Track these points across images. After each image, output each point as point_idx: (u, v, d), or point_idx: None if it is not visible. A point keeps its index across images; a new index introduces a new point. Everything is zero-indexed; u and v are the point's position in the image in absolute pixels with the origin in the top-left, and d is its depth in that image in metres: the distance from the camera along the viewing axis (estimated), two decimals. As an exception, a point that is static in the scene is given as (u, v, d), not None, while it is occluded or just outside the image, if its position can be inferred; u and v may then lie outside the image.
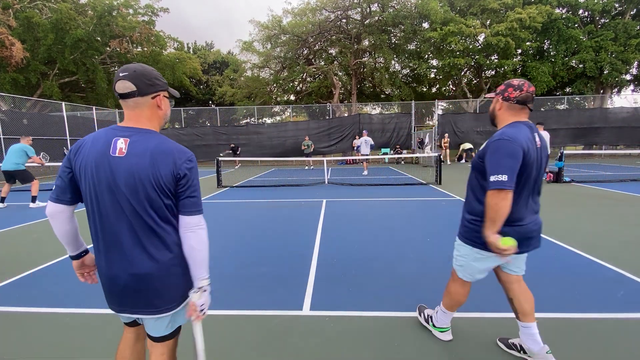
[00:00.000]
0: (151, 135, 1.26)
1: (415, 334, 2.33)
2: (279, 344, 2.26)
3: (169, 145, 1.26)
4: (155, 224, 1.23)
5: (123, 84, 1.22)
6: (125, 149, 1.20)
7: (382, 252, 4.00)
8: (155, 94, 1.28)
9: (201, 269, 1.29)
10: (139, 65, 1.26)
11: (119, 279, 1.24)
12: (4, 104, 15.96)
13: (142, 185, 1.19)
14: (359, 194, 8.22)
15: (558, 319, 2.48)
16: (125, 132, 1.24)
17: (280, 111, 28.29)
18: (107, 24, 19.08)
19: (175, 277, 1.29)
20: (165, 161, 1.21)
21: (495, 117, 1.94)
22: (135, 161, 1.19)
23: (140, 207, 1.21)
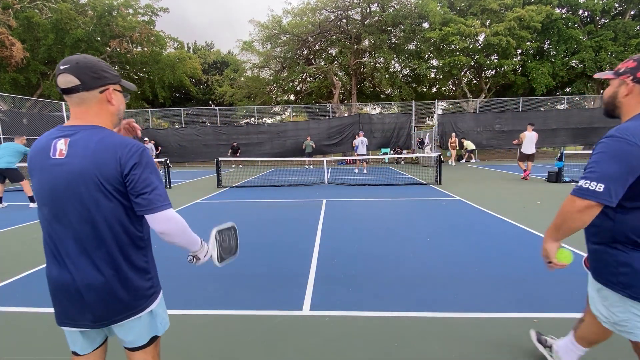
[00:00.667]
0: (95, 132, 1.12)
1: (415, 334, 2.33)
2: (279, 344, 2.26)
3: (113, 140, 1.12)
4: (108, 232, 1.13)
5: (65, 78, 1.10)
6: (65, 150, 1.09)
7: (382, 252, 4.00)
8: (103, 87, 1.15)
9: (191, 247, 1.28)
10: (82, 56, 1.14)
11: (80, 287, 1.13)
12: (4, 104, 15.95)
13: (85, 188, 1.08)
14: (359, 194, 8.22)
15: (558, 319, 2.48)
16: (67, 131, 1.12)
17: (280, 111, 28.29)
18: (107, 24, 19.08)
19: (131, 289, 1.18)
20: (108, 157, 1.08)
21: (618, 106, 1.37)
22: (76, 162, 1.08)
23: (86, 213, 1.10)
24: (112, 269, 1.15)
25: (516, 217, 5.53)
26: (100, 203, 1.11)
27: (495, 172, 12.73)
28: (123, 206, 1.14)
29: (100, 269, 1.14)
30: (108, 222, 1.13)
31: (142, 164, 1.12)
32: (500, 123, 18.68)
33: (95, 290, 1.14)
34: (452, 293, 2.92)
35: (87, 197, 1.10)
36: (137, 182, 1.11)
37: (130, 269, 1.18)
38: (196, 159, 20.14)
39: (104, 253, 1.14)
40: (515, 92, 21.94)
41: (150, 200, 1.11)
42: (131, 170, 1.10)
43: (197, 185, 10.96)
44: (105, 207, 1.11)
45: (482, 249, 4.03)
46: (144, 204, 1.11)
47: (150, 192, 1.12)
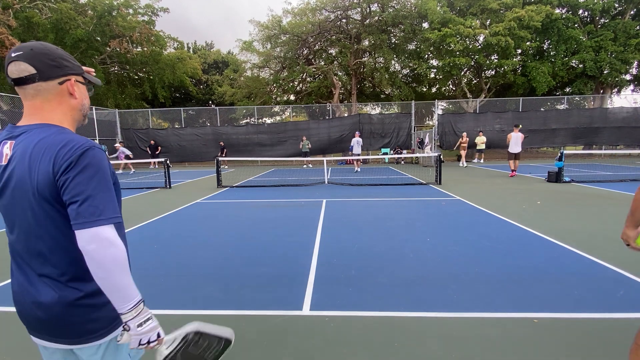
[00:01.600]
0: (41, 130, 0.95)
1: (415, 334, 2.33)
2: (279, 344, 2.26)
3: (56, 138, 0.93)
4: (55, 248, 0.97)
5: (17, 67, 0.94)
6: (9, 154, 0.95)
7: (382, 252, 4.00)
8: (63, 77, 0.99)
9: (114, 300, 0.93)
10: (37, 42, 0.98)
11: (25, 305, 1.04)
12: (4, 104, 15.95)
13: (26, 197, 0.93)
14: (359, 194, 8.22)
15: (558, 319, 2.48)
16: (15, 132, 0.97)
17: (280, 111, 28.29)
18: (107, 24, 19.08)
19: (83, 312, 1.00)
20: (42, 160, 0.91)
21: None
22: (17, 168, 0.93)
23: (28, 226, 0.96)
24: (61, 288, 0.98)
25: (516, 217, 5.53)
26: (41, 215, 0.94)
27: (495, 172, 12.73)
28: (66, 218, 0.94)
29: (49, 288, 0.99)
30: (54, 237, 0.96)
31: (79, 166, 0.90)
32: (500, 123, 18.68)
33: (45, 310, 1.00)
34: (452, 293, 2.92)
35: (28, 208, 0.95)
36: (67, 188, 0.90)
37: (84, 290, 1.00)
38: (196, 159, 20.15)
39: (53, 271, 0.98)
40: (515, 92, 21.94)
41: (78, 213, 0.89)
42: (62, 174, 0.90)
43: (197, 185, 10.96)
44: (48, 220, 0.95)
45: (482, 249, 4.03)
46: (72, 215, 0.90)
47: (82, 201, 0.89)
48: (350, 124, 19.50)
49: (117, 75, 23.51)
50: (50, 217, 0.95)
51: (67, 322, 1.00)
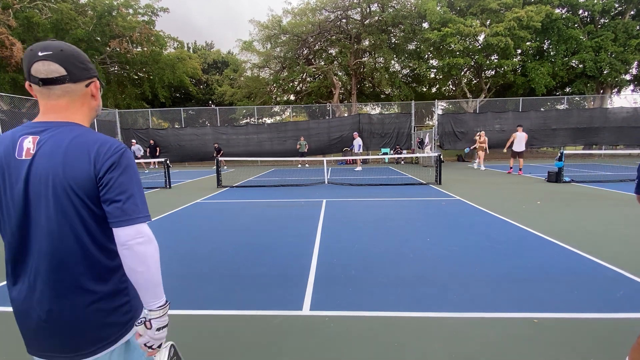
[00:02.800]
0: (71, 128, 0.97)
1: (415, 334, 2.33)
2: (279, 344, 2.26)
3: (90, 137, 0.97)
4: (75, 247, 0.95)
5: (47, 67, 0.94)
6: (33, 149, 0.94)
7: (382, 252, 4.00)
8: (90, 80, 1.03)
9: (147, 296, 0.97)
10: (64, 43, 0.99)
11: (32, 315, 0.97)
12: (4, 104, 15.95)
13: (55, 193, 0.92)
14: (359, 194, 8.21)
15: (558, 319, 2.48)
16: (37, 128, 0.97)
17: (280, 111, 28.30)
18: (107, 24, 19.08)
19: (100, 316, 0.99)
20: (80, 158, 0.93)
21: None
22: (44, 163, 0.93)
23: (51, 223, 0.94)
24: (77, 291, 0.97)
25: (516, 217, 5.53)
26: (68, 212, 0.94)
27: (495, 172, 12.73)
28: (97, 217, 0.97)
29: (63, 292, 0.96)
30: (77, 235, 0.95)
31: (122, 166, 0.95)
32: (500, 123, 18.68)
33: (57, 317, 0.96)
34: (452, 293, 2.92)
35: (54, 205, 0.93)
36: (111, 187, 0.94)
37: (101, 291, 0.99)
38: (196, 159, 20.14)
39: (70, 272, 0.96)
40: (515, 92, 21.94)
41: (124, 210, 0.93)
42: (106, 173, 0.94)
43: (197, 185, 10.96)
44: (75, 217, 0.94)
45: (482, 249, 4.03)
46: (116, 213, 0.93)
47: (126, 200, 0.94)
48: (350, 124, 19.50)
49: (117, 75, 23.51)
50: (78, 213, 0.95)
51: (81, 330, 0.98)
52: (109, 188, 0.94)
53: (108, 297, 1.01)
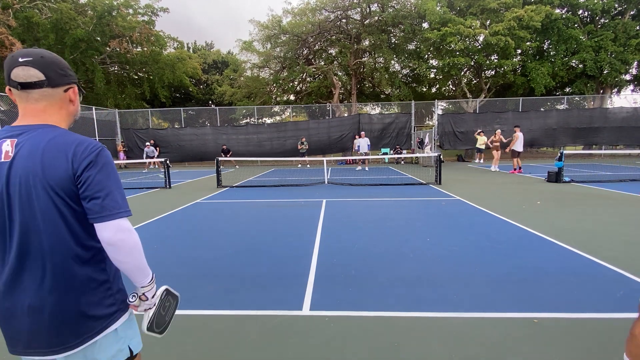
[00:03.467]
0: (48, 130, 1.00)
1: (415, 334, 2.33)
2: (279, 344, 2.26)
3: (67, 138, 1.00)
4: (56, 243, 0.98)
5: (26, 72, 0.99)
6: (12, 152, 0.97)
7: (382, 252, 4.00)
8: (68, 86, 1.08)
9: (137, 277, 1.06)
10: (45, 50, 1.03)
11: (15, 312, 0.99)
12: (4, 104, 15.94)
13: (35, 192, 0.96)
14: (359, 194, 8.21)
15: (558, 319, 2.48)
16: (15, 131, 1.00)
17: (280, 111, 28.29)
18: (107, 24, 19.08)
19: (83, 309, 1.02)
20: (58, 157, 0.96)
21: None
22: (22, 164, 0.96)
23: (32, 221, 0.97)
24: (60, 286, 0.99)
25: (516, 217, 5.53)
26: (47, 210, 0.97)
27: (495, 172, 12.73)
28: (76, 213, 1.00)
29: (46, 287, 0.98)
30: (57, 231, 0.98)
31: (98, 164, 0.99)
32: (500, 123, 18.67)
33: (39, 312, 0.98)
34: (452, 293, 2.92)
35: (35, 204, 0.96)
36: (89, 185, 0.97)
37: (83, 285, 1.02)
38: (196, 158, 20.15)
39: (51, 267, 0.98)
40: (515, 92, 21.94)
41: (103, 206, 0.97)
42: (84, 171, 0.97)
43: (197, 185, 10.96)
44: (54, 215, 0.97)
45: (481, 249, 4.03)
46: (95, 209, 0.97)
47: (105, 196, 0.98)
48: (350, 124, 19.50)
49: (117, 75, 23.51)
50: (58, 211, 0.98)
51: (66, 323, 1.01)
52: (88, 185, 0.97)
53: (91, 290, 1.04)
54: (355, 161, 17.53)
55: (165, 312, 1.24)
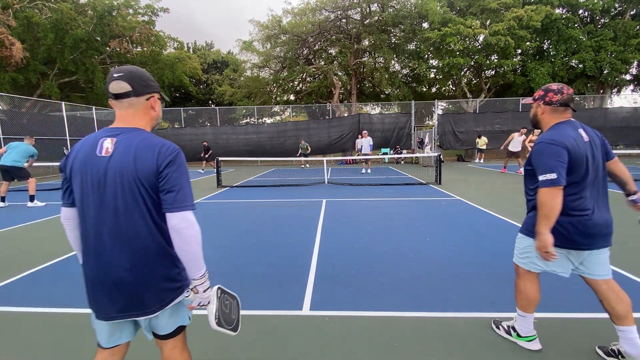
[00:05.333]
0: (139, 133, 1.25)
1: (416, 334, 2.33)
2: (279, 344, 2.26)
3: (154, 140, 1.23)
4: (142, 226, 1.20)
5: (118, 85, 1.22)
6: (111, 148, 1.21)
7: (382, 252, 4.00)
8: (149, 95, 1.29)
9: (192, 268, 1.22)
10: (133, 67, 1.27)
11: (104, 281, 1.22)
12: (4, 104, 15.95)
13: (128, 182, 1.18)
14: (359, 194, 8.21)
15: (558, 319, 2.48)
16: (113, 132, 1.24)
17: (280, 111, 28.28)
18: (107, 24, 19.07)
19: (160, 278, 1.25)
20: (147, 156, 1.19)
21: (539, 121, 2.03)
22: (119, 159, 1.19)
23: (125, 205, 1.19)
24: (144, 261, 1.22)
25: (516, 217, 5.53)
26: (136, 198, 1.19)
27: (495, 172, 12.73)
28: (153, 201, 1.21)
29: (132, 261, 1.21)
30: (142, 216, 1.20)
31: (176, 164, 1.21)
32: (500, 123, 18.68)
33: (127, 281, 1.21)
34: (452, 293, 2.92)
35: (127, 192, 1.19)
36: (167, 180, 1.19)
37: (161, 262, 1.25)
38: (196, 158, 20.13)
39: (137, 245, 1.21)
40: (515, 92, 21.94)
41: (175, 199, 1.18)
42: (165, 168, 1.19)
43: (197, 185, 10.95)
44: (141, 202, 1.20)
45: (482, 249, 4.03)
46: (169, 201, 1.18)
47: (177, 191, 1.19)
48: (350, 124, 19.50)
49: (117, 75, 23.48)
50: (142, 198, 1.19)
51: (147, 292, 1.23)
52: (166, 181, 1.19)
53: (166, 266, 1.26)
54: (355, 161, 17.53)
55: (229, 310, 1.38)
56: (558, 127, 1.90)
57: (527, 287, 2.06)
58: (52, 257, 4.06)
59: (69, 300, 2.95)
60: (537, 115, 2.03)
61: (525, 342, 2.12)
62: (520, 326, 2.12)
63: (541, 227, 1.79)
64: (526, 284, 2.06)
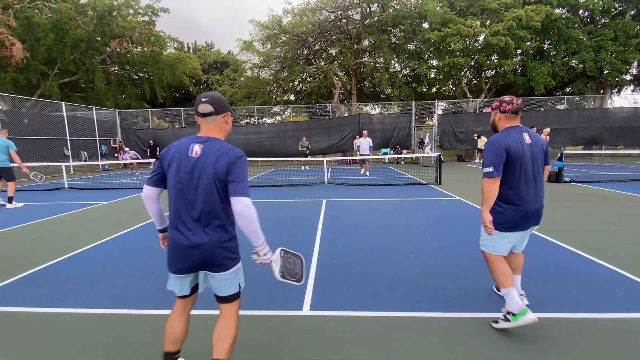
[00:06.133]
0: (217, 142, 1.71)
1: (415, 334, 2.33)
2: (279, 344, 2.26)
3: (227, 147, 1.71)
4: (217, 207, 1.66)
5: (205, 106, 1.70)
6: (199, 152, 1.67)
7: (382, 252, 4.00)
8: (225, 114, 1.76)
9: (253, 239, 1.64)
10: (215, 93, 1.73)
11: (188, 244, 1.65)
12: (4, 104, 15.95)
13: (207, 177, 1.63)
14: (359, 194, 8.21)
15: (558, 319, 2.48)
16: (200, 140, 1.72)
17: (280, 111, 28.27)
18: (107, 24, 19.06)
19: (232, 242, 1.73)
20: (223, 159, 1.64)
21: (496, 125, 2.48)
22: (204, 160, 1.65)
23: (204, 192, 1.64)
24: (215, 233, 1.66)
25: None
26: (212, 188, 1.63)
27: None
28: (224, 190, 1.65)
29: (208, 233, 1.65)
30: (216, 201, 1.65)
31: (240, 164, 1.66)
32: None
33: (202, 247, 1.65)
34: (452, 293, 2.92)
35: (206, 183, 1.63)
36: (233, 173, 1.62)
37: (227, 235, 1.70)
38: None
39: (211, 221, 1.66)
40: (515, 92, 21.92)
41: (237, 187, 1.60)
42: (233, 165, 1.63)
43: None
44: (214, 191, 1.64)
45: (482, 249, 4.02)
46: (233, 188, 1.61)
47: (239, 182, 1.61)
48: (350, 124, 19.50)
49: (117, 76, 23.50)
50: (216, 189, 1.64)
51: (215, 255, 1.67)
52: (232, 174, 1.62)
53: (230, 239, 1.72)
54: (355, 161, 17.52)
55: (293, 266, 1.87)
56: (507, 130, 2.35)
57: (498, 266, 2.41)
58: (52, 257, 4.06)
59: (69, 300, 2.95)
60: (495, 121, 2.47)
61: (522, 318, 2.19)
62: (510, 304, 2.27)
63: (482, 207, 2.34)
64: (496, 263, 2.42)
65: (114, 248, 4.44)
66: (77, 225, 5.78)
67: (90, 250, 4.35)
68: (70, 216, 6.48)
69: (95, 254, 4.23)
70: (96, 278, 3.44)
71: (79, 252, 4.26)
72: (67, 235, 5.12)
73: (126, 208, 7.15)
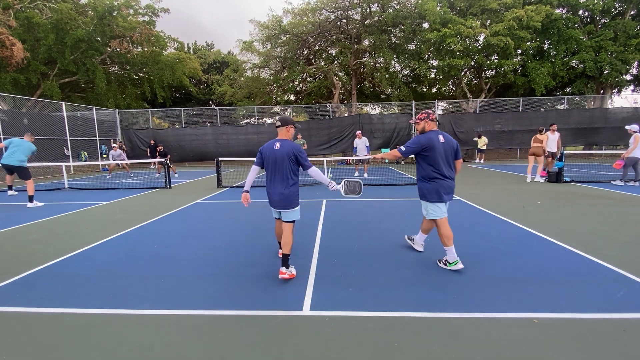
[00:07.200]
0: (288, 141, 3.32)
1: (415, 334, 2.33)
2: (279, 344, 2.26)
3: (292, 144, 3.28)
4: (290, 173, 3.28)
5: (278, 122, 3.37)
6: (278, 147, 3.27)
7: (382, 252, 4.00)
8: (287, 126, 3.37)
9: (324, 183, 3.38)
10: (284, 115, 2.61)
11: (275, 195, 3.30)
12: (5, 104, 15.95)
13: (284, 159, 3.25)
14: (359, 194, 8.20)
15: (558, 319, 2.48)
16: (278, 141, 3.31)
17: (280, 111, 28.25)
18: (107, 24, 19.07)
19: (295, 196, 3.32)
20: (292, 150, 3.25)
21: (424, 129, 3.54)
22: (282, 151, 3.25)
23: (284, 167, 3.26)
24: (288, 188, 3.27)
25: (516, 217, 5.53)
26: (287, 165, 3.27)
27: (495, 172, 12.73)
28: (295, 165, 3.32)
29: (285, 188, 3.27)
30: (289, 172, 3.28)
31: (303, 153, 3.32)
32: (500, 123, 18.66)
33: (282, 196, 3.28)
34: (452, 293, 2.92)
35: (286, 163, 3.26)
36: (300, 158, 3.29)
37: (294, 189, 3.32)
38: (196, 159, 20.14)
39: (287, 182, 3.27)
40: (515, 92, 21.92)
41: (305, 165, 3.32)
42: (298, 154, 3.28)
43: (197, 185, 10.96)
44: (288, 166, 3.27)
45: (482, 249, 4.03)
46: (304, 164, 3.32)
47: (305, 161, 3.31)
48: (350, 124, 19.49)
49: (117, 76, 23.51)
50: (291, 166, 3.29)
51: (289, 199, 3.29)
52: (300, 158, 3.30)
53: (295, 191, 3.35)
54: (355, 162, 17.47)
55: (353, 187, 3.54)
56: (429, 132, 3.48)
57: (444, 231, 3.42)
58: (52, 257, 4.06)
59: (69, 300, 2.96)
60: (424, 128, 3.51)
61: (454, 266, 3.37)
62: (449, 257, 3.43)
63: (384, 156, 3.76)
64: (442, 228, 3.43)
65: (114, 248, 4.44)
66: (77, 225, 5.78)
67: (90, 250, 4.35)
68: (70, 216, 6.48)
69: (95, 254, 4.23)
70: (96, 278, 3.45)
71: (79, 252, 4.27)
72: (67, 235, 5.12)
73: (126, 208, 7.15)
